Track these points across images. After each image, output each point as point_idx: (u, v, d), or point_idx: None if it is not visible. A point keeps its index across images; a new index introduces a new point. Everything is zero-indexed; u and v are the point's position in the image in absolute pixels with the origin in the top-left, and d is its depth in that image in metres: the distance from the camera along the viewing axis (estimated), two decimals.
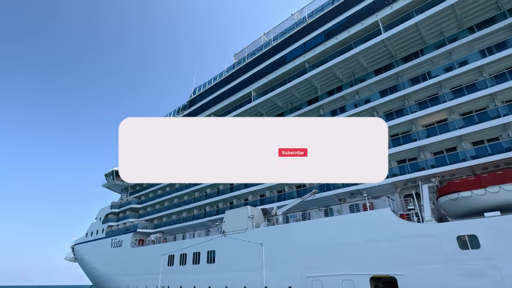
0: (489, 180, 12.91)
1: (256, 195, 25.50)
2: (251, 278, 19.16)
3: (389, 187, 17.64)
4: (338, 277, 15.65)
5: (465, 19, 17.42)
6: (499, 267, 11.64)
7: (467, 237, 12.60)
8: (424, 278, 13.17)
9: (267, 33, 29.55)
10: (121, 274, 31.20)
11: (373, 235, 15.05)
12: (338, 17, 22.22)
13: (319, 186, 20.72)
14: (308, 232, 17.60)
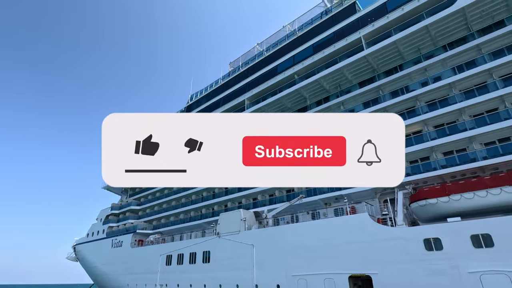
0: (452, 188, 14.40)
1: (249, 198, 26.98)
2: (243, 277, 20.59)
3: (369, 192, 19.13)
4: (321, 275, 17.13)
5: (439, 38, 18.89)
6: (458, 266, 13.12)
7: (432, 240, 14.08)
8: (395, 277, 14.65)
9: (261, 43, 31.01)
10: (122, 273, 32.65)
11: (352, 238, 16.52)
12: (325, 32, 23.65)
13: (306, 191, 22.21)
14: (295, 234, 19.07)
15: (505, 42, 16.78)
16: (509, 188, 12.92)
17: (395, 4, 19.92)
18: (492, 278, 12.31)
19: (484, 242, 12.78)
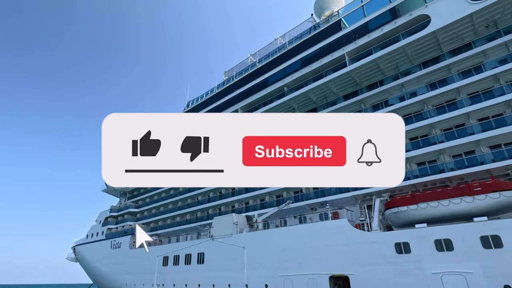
0: (420, 197, 15.98)
1: (242, 202, 28.49)
2: (235, 277, 22.09)
3: (350, 199, 20.69)
4: (304, 276, 18.67)
5: (415, 56, 20.45)
6: (423, 268, 14.69)
7: (402, 244, 15.65)
8: (369, 277, 16.21)
9: (254, 54, 32.49)
10: (120, 273, 34.07)
11: (332, 241, 18.07)
12: (313, 47, 25.18)
13: (294, 197, 23.78)
14: (282, 237, 20.60)
15: (472, 63, 18.39)
16: (468, 198, 14.50)
17: (375, 24, 21.47)
18: (451, 278, 13.89)
19: (446, 246, 14.36)
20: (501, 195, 13.72)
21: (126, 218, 40.44)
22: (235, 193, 28.63)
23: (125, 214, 41.39)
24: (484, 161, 16.06)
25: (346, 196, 20.54)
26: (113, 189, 44.64)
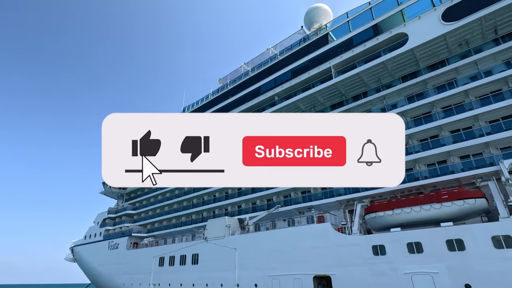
0: (395, 204, 17.38)
1: (235, 206, 29.81)
2: (227, 277, 23.39)
3: (335, 204, 22.06)
4: (291, 276, 20.02)
5: (395, 71, 21.87)
6: (396, 268, 16.09)
7: (378, 246, 17.05)
8: (349, 277, 17.59)
9: (247, 62, 33.83)
10: (118, 273, 35.26)
11: (316, 243, 19.43)
12: (302, 58, 26.54)
13: (283, 201, 25.15)
14: (270, 240, 21.94)
15: (446, 79, 19.84)
16: (436, 205, 15.91)
17: (359, 40, 22.86)
18: (420, 278, 15.30)
19: (416, 249, 15.77)
20: (465, 202, 15.14)
21: (123, 220, 41.60)
22: (229, 197, 29.97)
23: (122, 216, 42.54)
24: (454, 171, 17.50)
25: (331, 201, 21.93)
26: (110, 191, 45.76)
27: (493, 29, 18.30)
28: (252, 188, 28.58)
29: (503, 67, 17.70)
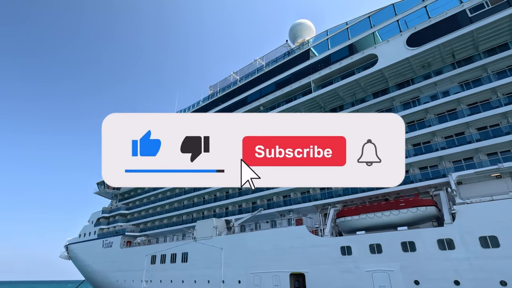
0: (361, 210, 19.58)
1: (222, 208, 31.81)
2: (213, 274, 25.44)
3: (312, 208, 24.21)
4: (270, 273, 22.14)
5: (368, 87, 24.00)
6: (360, 267, 18.31)
7: (345, 247, 19.25)
8: (320, 274, 19.77)
9: (236, 72, 35.69)
10: (112, 270, 37.07)
11: (293, 244, 21.56)
12: (285, 72, 28.53)
13: (267, 204, 27.25)
14: (253, 240, 24.03)
15: (411, 96, 22.06)
16: (395, 211, 18.13)
17: (336, 57, 24.93)
18: (379, 275, 17.54)
19: (377, 250, 18.00)
20: (418, 209, 17.38)
21: (117, 219, 43.29)
22: (217, 199, 31.98)
23: (116, 216, 44.20)
24: (414, 180, 19.75)
25: (308, 205, 24.09)
26: (105, 191, 47.34)
27: (451, 54, 20.51)
28: (239, 191, 30.65)
29: (458, 89, 19.96)
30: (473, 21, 18.53)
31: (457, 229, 15.68)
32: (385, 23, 23.01)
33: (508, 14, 17.32)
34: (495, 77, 18.59)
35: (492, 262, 14.36)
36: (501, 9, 17.68)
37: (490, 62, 18.75)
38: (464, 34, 18.84)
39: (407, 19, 21.83)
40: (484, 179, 17.19)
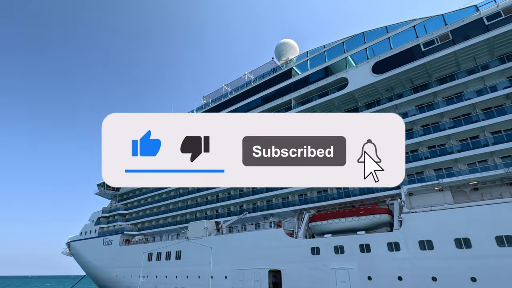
0: (329, 216, 22.64)
1: (213, 210, 34.87)
2: (203, 270, 28.51)
3: (290, 212, 27.28)
4: (252, 270, 25.24)
5: (341, 106, 26.95)
6: (326, 265, 21.38)
7: (315, 248, 22.33)
8: (293, 271, 22.86)
9: (227, 84, 38.57)
10: (111, 266, 40.14)
11: (272, 244, 24.63)
12: (270, 88, 31.45)
13: (252, 208, 30.31)
14: (238, 241, 27.10)
15: None
16: (356, 218, 21.19)
17: (314, 78, 27.88)
18: (341, 272, 20.64)
19: (340, 250, 21.08)
20: (374, 217, 20.46)
21: (116, 219, 46.26)
22: (208, 202, 35.03)
23: (115, 215, 47.15)
24: (375, 191, 22.81)
25: (288, 210, 27.17)
26: (105, 192, 50.24)
27: (410, 80, 23.50)
28: (228, 195, 33.72)
29: (415, 112, 22.98)
30: (426, 54, 21.53)
31: (402, 234, 18.76)
32: (356, 50, 25.97)
33: (451, 52, 20.32)
34: (443, 103, 21.62)
35: (427, 261, 17.48)
36: (448, 45, 20.67)
37: (440, 90, 21.73)
38: (418, 65, 21.84)
39: (374, 48, 24.81)
40: (430, 191, 20.27)
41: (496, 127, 19.27)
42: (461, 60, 21.11)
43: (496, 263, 15.46)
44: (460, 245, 16.69)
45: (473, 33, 19.92)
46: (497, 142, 18.83)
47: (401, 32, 23.49)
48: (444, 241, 17.20)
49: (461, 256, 16.51)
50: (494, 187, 18.76)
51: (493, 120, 19.06)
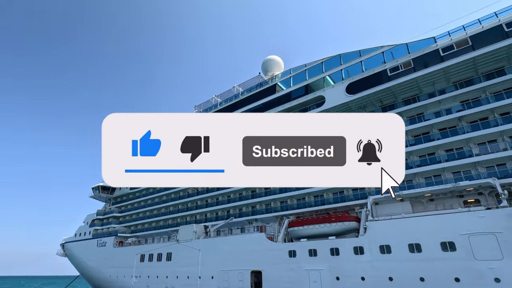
0: (305, 222, 25.09)
1: (202, 214, 37.12)
2: (192, 271, 30.72)
3: (272, 218, 29.69)
4: (236, 270, 27.56)
5: None
6: (301, 266, 23.81)
7: (292, 251, 24.74)
8: (272, 272, 25.24)
9: (218, 95, 40.88)
10: (105, 267, 42.08)
11: (254, 248, 26.99)
12: (257, 101, 33.83)
13: (239, 213, 32.66)
14: (224, 244, 29.40)
15: None
16: (328, 224, 23.66)
17: (295, 94, 30.36)
18: (313, 273, 23.08)
19: (314, 253, 23.52)
20: (343, 223, 22.97)
21: (110, 221, 48.20)
22: (198, 207, 37.28)
23: (109, 218, 49.07)
24: (346, 200, 25.35)
25: (270, 215, 29.57)
26: (99, 195, 52.06)
27: (379, 100, 26.12)
28: (216, 201, 36.02)
29: None
30: (391, 78, 24.16)
31: (366, 239, 21.28)
32: (333, 70, 28.53)
33: (412, 78, 22.97)
34: (407, 122, 24.24)
35: (385, 263, 20.01)
36: (410, 72, 23.32)
37: (404, 110, 24.32)
38: (385, 88, 24.44)
39: (349, 69, 27.39)
40: (393, 202, 22.84)
41: (449, 145, 21.94)
42: (422, 84, 23.77)
43: (440, 265, 18.04)
44: (413, 249, 19.25)
45: (431, 62, 22.59)
46: (449, 159, 21.48)
47: (372, 57, 26.10)
48: (400, 246, 19.75)
49: (413, 259, 19.06)
50: (446, 198, 21.42)
51: (447, 139, 21.71)
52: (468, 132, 21.03)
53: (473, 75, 22.32)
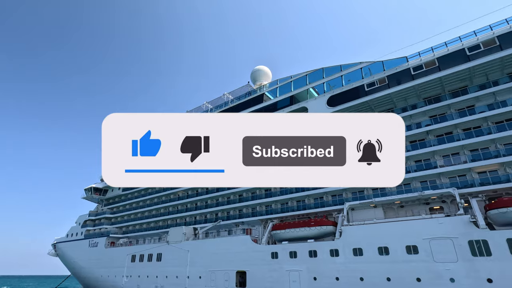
0: (287, 225, 26.84)
1: (192, 217, 38.63)
2: (181, 271, 32.23)
3: (257, 221, 31.39)
4: (222, 271, 29.18)
5: None
6: (282, 267, 25.54)
7: (274, 253, 26.47)
8: (256, 272, 26.93)
9: (209, 102, 42.44)
10: (97, 267, 43.23)
11: (239, 249, 28.64)
12: (246, 110, 35.39)
13: (226, 216, 34.27)
14: (211, 245, 31.00)
15: None
16: (307, 228, 25.44)
17: (281, 105, 32.12)
18: (293, 273, 24.84)
19: (294, 255, 25.30)
20: (321, 228, 24.79)
21: (102, 222, 49.30)
22: (188, 210, 38.77)
23: (101, 219, 50.15)
24: (325, 205, 27.19)
25: (255, 219, 31.26)
26: (92, 196, 53.06)
27: None
28: (206, 204, 37.57)
29: None
30: (368, 93, 26.08)
31: (341, 243, 23.13)
32: (316, 82, 30.38)
33: (386, 94, 24.93)
34: None
35: (357, 265, 21.88)
36: (384, 88, 25.28)
37: None
38: (363, 102, 26.36)
39: (330, 82, 29.26)
40: (367, 208, 24.76)
41: (418, 157, 23.94)
42: (395, 99, 25.76)
43: (405, 266, 19.98)
44: (381, 252, 21.16)
45: (403, 79, 24.58)
46: (417, 170, 23.48)
47: (351, 72, 28.02)
48: (370, 249, 21.64)
49: (382, 261, 20.97)
50: (414, 205, 23.41)
51: (416, 151, 23.70)
52: (435, 145, 23.04)
53: (441, 92, 24.39)
